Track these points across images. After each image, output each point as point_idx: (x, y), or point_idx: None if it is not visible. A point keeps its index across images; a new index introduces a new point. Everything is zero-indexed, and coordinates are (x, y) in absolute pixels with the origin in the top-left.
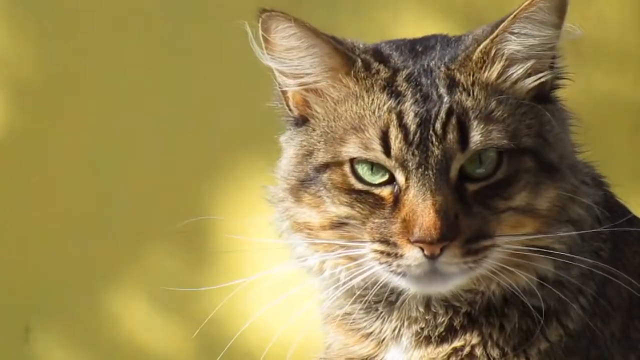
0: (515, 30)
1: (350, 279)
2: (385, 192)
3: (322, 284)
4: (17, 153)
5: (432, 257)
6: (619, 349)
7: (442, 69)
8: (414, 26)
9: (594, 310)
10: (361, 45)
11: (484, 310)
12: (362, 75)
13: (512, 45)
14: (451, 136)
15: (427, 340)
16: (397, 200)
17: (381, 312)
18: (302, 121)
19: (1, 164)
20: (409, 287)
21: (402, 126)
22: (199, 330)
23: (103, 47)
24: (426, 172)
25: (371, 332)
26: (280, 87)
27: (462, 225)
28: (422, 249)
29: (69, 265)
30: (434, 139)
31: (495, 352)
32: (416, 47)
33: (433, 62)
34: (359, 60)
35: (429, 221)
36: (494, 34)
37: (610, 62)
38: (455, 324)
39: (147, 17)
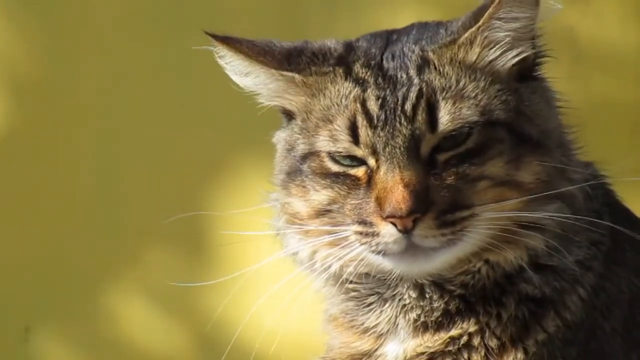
0: (502, 16)
1: (340, 267)
2: (360, 172)
3: (317, 279)
4: (16, 151)
5: (406, 232)
6: (621, 345)
7: (416, 51)
8: None
9: (593, 302)
10: (331, 45)
11: (481, 298)
12: (314, 78)
13: (498, 32)
14: (420, 118)
15: (424, 326)
16: (370, 180)
17: (374, 306)
18: (288, 119)
19: (0, 162)
20: (394, 267)
21: (366, 113)
22: (200, 333)
23: (103, 45)
24: (394, 151)
25: (368, 327)
26: None
27: (435, 197)
28: (395, 225)
29: (69, 265)
30: (402, 119)
31: (493, 342)
32: (392, 36)
33: (406, 47)
34: (296, 76)
35: (398, 195)
36: (480, 22)
37: (610, 62)
38: (450, 308)
39: (148, 15)
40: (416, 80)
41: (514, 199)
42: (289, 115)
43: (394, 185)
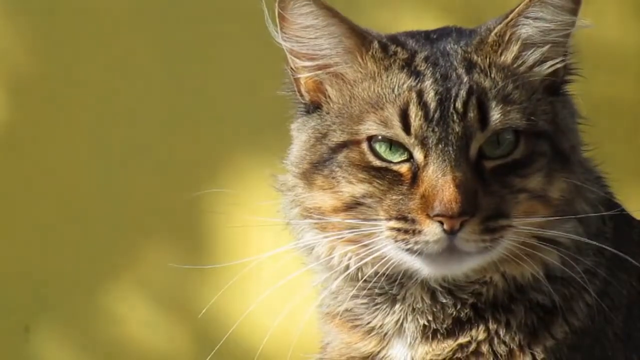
0: (531, 14)
1: (360, 265)
2: (404, 168)
3: (328, 275)
4: (15, 150)
5: (451, 232)
6: (622, 348)
7: (459, 51)
8: (414, 26)
9: (598, 307)
10: (374, 33)
11: (491, 306)
12: (380, 56)
13: (527, 29)
14: (472, 114)
15: (434, 334)
16: (415, 177)
17: (383, 305)
18: (313, 108)
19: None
20: (424, 268)
21: (423, 104)
22: (201, 332)
23: (102, 44)
24: (446, 148)
25: (373, 327)
26: (292, 74)
27: (482, 202)
28: (442, 224)
29: (69, 265)
30: (455, 117)
31: (501, 349)
32: (431, 36)
33: (449, 46)
34: (376, 42)
35: (450, 195)
36: (509, 18)
37: (610, 62)
38: (462, 316)
39: (146, 14)
40: (466, 79)
41: (541, 215)
42: (315, 104)
43: (445, 184)
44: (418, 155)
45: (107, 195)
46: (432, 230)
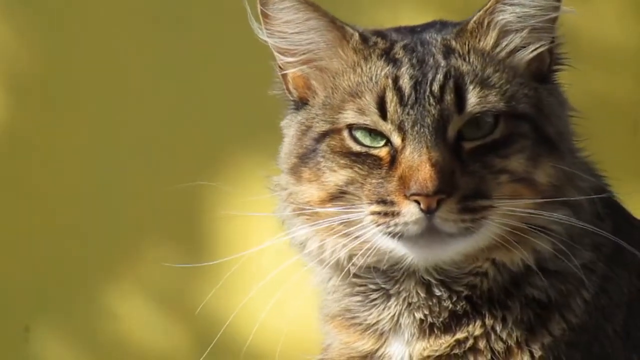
0: (508, 1)
1: (347, 253)
2: (383, 152)
3: (323, 273)
4: (15, 151)
5: (428, 212)
6: (622, 346)
7: (439, 39)
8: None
9: (596, 304)
10: (358, 28)
11: (487, 301)
12: (360, 47)
13: (505, 15)
14: (448, 98)
15: (431, 328)
16: (393, 160)
17: (378, 301)
18: (301, 104)
19: None
20: (409, 253)
21: (397, 89)
22: (200, 331)
23: (101, 44)
24: (422, 130)
25: (370, 325)
26: (279, 70)
27: (459, 181)
28: (419, 203)
29: (69, 264)
30: (431, 100)
31: (499, 346)
32: (415, 29)
33: (430, 35)
34: (357, 34)
35: (425, 174)
36: (487, 5)
37: (609, 62)
38: (458, 309)
39: (148, 15)
40: (443, 63)
41: (527, 198)
42: (303, 101)
43: (421, 163)
44: (395, 139)
45: (107, 194)
46: (409, 211)
